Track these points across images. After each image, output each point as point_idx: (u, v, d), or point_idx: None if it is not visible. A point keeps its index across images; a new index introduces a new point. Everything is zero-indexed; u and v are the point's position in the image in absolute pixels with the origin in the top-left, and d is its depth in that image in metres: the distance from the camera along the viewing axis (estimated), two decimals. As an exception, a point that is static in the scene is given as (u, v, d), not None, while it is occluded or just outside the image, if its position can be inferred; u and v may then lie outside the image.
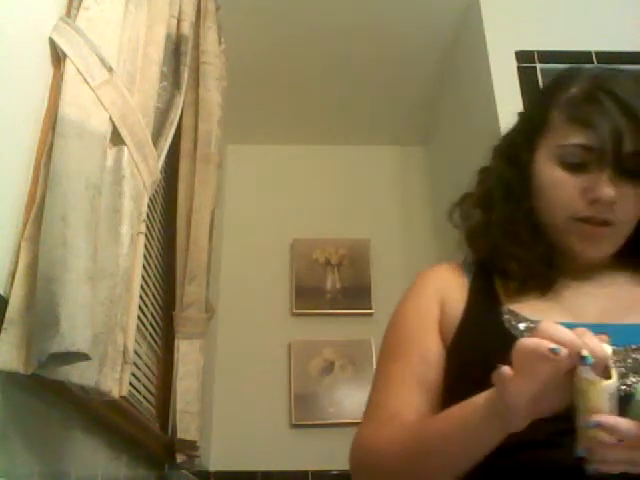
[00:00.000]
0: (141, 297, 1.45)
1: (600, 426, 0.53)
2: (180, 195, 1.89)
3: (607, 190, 0.76)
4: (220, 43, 1.96)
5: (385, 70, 2.76)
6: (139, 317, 1.57)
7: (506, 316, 0.78)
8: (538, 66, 2.12)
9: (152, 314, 1.81)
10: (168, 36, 1.39)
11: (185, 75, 1.52)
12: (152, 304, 1.81)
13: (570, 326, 0.70)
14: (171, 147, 1.46)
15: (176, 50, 1.51)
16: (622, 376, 0.68)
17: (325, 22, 2.48)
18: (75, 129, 0.92)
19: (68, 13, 1.04)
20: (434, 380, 0.80)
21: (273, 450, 2.59)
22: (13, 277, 0.84)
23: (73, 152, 0.90)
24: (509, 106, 2.06)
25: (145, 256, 1.64)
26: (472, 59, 2.38)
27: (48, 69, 1.00)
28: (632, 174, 0.77)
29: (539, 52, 2.14)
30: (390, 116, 3.09)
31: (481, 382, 0.62)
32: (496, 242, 0.85)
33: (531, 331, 0.69)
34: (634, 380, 0.68)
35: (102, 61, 0.99)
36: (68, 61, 0.96)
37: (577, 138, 0.78)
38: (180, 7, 1.52)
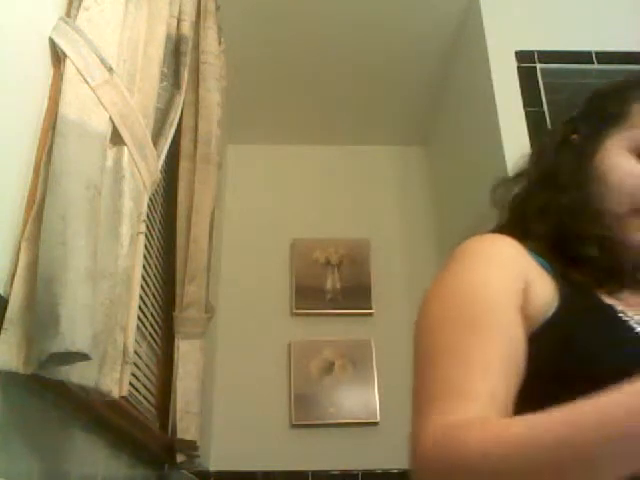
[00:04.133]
0: (141, 297, 1.45)
1: None
2: (180, 195, 1.89)
3: None
4: (220, 43, 1.96)
5: (385, 70, 2.76)
6: (139, 317, 1.57)
7: (619, 307, 0.73)
8: (538, 66, 2.12)
9: (152, 314, 1.81)
10: (168, 36, 1.39)
11: (185, 75, 1.52)
12: (152, 304, 1.81)
13: None
14: (171, 147, 1.46)
15: (176, 50, 1.51)
16: None
17: (325, 22, 2.48)
18: (75, 129, 0.92)
19: (68, 13, 1.04)
20: (520, 364, 0.65)
21: (273, 450, 2.59)
22: (13, 277, 0.84)
23: (73, 152, 0.90)
24: (509, 106, 2.07)
25: (145, 256, 1.64)
26: (472, 59, 2.38)
27: (48, 69, 1.00)
28: None
29: (539, 52, 2.14)
30: (390, 116, 3.09)
31: (599, 380, 0.51)
32: (570, 223, 0.80)
33: None
34: None
35: (102, 61, 0.99)
36: (68, 61, 0.96)
37: None
38: (180, 7, 1.52)
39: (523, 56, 2.14)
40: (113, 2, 1.05)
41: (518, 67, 2.12)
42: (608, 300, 0.75)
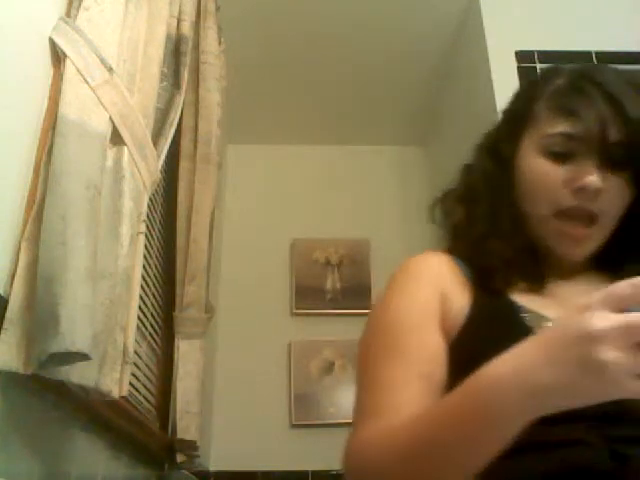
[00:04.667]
0: (141, 297, 1.45)
1: None
2: (180, 195, 1.89)
3: (593, 178, 0.75)
4: (220, 43, 1.96)
5: (385, 70, 2.76)
6: (139, 317, 1.57)
7: (518, 305, 0.75)
8: (538, 66, 2.12)
9: (152, 314, 1.81)
10: (168, 36, 1.39)
11: (185, 75, 1.52)
12: (152, 304, 1.81)
13: None
14: (171, 147, 1.46)
15: (176, 50, 1.51)
16: None
17: (325, 22, 2.48)
18: (75, 129, 0.92)
19: (68, 13, 1.04)
20: (440, 380, 0.72)
21: (273, 450, 2.59)
22: (13, 277, 0.84)
23: (73, 152, 0.90)
24: (509, 106, 2.06)
25: (145, 256, 1.64)
26: (472, 59, 2.38)
27: (48, 69, 0.99)
28: (617, 163, 0.76)
29: (539, 52, 2.14)
30: (390, 116, 3.09)
31: None
32: (477, 238, 0.82)
33: (546, 324, 0.68)
34: None
35: (102, 61, 0.99)
36: (68, 61, 0.96)
37: (562, 127, 0.77)
38: (180, 7, 1.52)
39: (523, 56, 2.14)
40: (113, 2, 1.04)
41: (518, 67, 2.12)
42: (521, 298, 0.76)
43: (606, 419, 0.63)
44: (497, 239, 0.81)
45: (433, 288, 0.78)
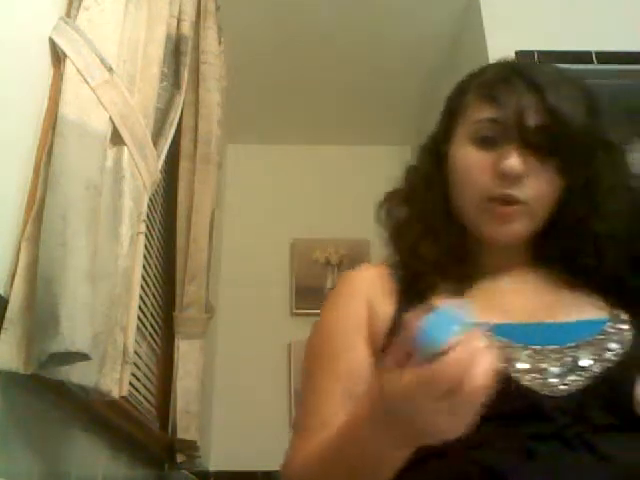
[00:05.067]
0: (141, 297, 1.45)
1: None
2: (180, 195, 1.89)
3: (512, 162, 0.74)
4: (220, 43, 1.96)
5: (385, 70, 2.76)
6: (139, 317, 1.57)
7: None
8: (538, 66, 2.12)
9: (152, 314, 1.81)
10: (168, 36, 1.39)
11: (185, 75, 1.52)
12: (152, 304, 1.81)
13: (506, 327, 0.71)
14: (171, 147, 1.46)
15: (176, 50, 1.51)
16: (561, 375, 0.68)
17: (325, 23, 2.48)
18: (75, 129, 0.92)
19: (68, 13, 1.04)
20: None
21: (273, 450, 2.57)
22: (13, 277, 0.84)
23: (73, 152, 0.90)
24: (509, 106, 2.06)
25: (145, 256, 1.64)
26: (472, 59, 2.38)
27: (48, 69, 0.99)
28: (537, 148, 0.75)
29: (539, 52, 2.14)
30: (390, 116, 3.09)
31: None
32: (410, 242, 0.83)
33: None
34: (572, 379, 0.68)
35: (102, 61, 0.99)
36: (68, 61, 0.96)
37: (487, 113, 0.79)
38: (180, 7, 1.52)
39: (523, 56, 2.13)
40: (113, 2, 1.04)
41: (518, 67, 2.12)
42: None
43: (516, 418, 0.65)
44: (428, 241, 0.82)
45: (362, 301, 0.81)
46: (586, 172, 0.78)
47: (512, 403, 0.65)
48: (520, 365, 0.69)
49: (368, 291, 0.82)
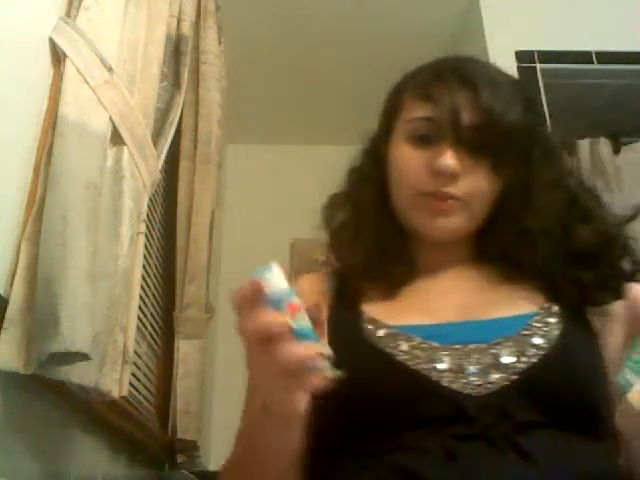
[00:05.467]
0: (141, 297, 1.45)
1: None
2: (180, 195, 1.89)
3: (447, 160, 0.74)
4: (220, 43, 1.96)
5: (385, 70, 2.76)
6: (139, 317, 1.57)
7: (365, 324, 0.75)
8: (538, 66, 2.12)
9: (152, 314, 1.81)
10: (168, 36, 1.39)
11: (185, 75, 1.52)
12: (152, 304, 1.81)
13: (430, 328, 0.72)
14: (171, 147, 1.46)
15: (176, 50, 1.51)
16: (481, 374, 0.67)
17: (325, 22, 2.48)
18: (75, 129, 0.92)
19: (68, 13, 1.04)
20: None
21: (273, 450, 2.58)
22: (13, 277, 0.84)
23: (73, 152, 0.90)
24: (509, 106, 2.06)
25: (145, 256, 1.64)
26: (472, 59, 2.38)
27: (48, 69, 0.99)
28: (472, 147, 0.75)
29: (539, 52, 2.14)
30: (390, 116, 3.08)
31: (346, 399, 0.62)
32: (344, 247, 0.83)
33: (391, 338, 0.70)
34: (496, 377, 0.67)
35: (102, 61, 0.99)
36: (68, 61, 0.96)
37: (422, 112, 0.79)
38: (180, 7, 1.52)
39: (523, 56, 2.14)
40: (113, 2, 1.05)
41: (518, 67, 2.12)
42: (370, 311, 0.76)
43: (439, 419, 0.65)
44: (359, 243, 0.82)
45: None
46: (521, 170, 0.78)
47: (433, 405, 0.65)
48: (440, 366, 0.68)
49: (305, 300, 0.81)
